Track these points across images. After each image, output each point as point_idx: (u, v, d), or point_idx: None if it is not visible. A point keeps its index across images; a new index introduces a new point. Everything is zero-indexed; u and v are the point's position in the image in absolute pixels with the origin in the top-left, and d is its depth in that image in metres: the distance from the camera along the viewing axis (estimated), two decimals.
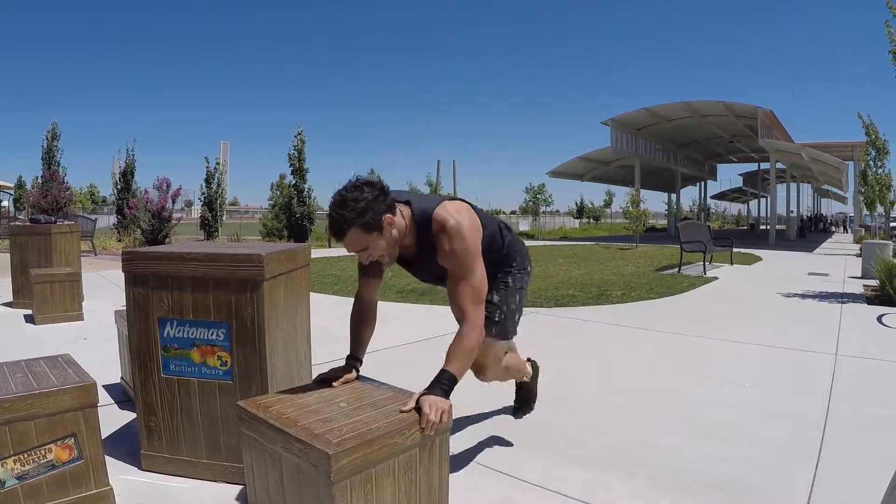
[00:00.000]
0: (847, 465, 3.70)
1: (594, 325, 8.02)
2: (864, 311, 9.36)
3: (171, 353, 3.38)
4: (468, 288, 2.99)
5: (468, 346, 2.93)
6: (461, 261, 2.99)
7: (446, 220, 2.98)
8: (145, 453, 3.52)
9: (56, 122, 26.17)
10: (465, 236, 2.98)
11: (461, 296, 3.00)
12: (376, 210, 2.85)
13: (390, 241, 2.97)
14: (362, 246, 2.90)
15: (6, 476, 2.83)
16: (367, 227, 2.84)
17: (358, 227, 2.82)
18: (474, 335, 2.96)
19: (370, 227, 2.85)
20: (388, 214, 2.90)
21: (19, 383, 3.00)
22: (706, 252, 14.95)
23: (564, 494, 3.32)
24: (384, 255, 3.01)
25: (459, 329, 2.98)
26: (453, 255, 2.98)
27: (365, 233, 2.85)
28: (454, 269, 3.02)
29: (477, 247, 3.06)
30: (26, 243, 9.36)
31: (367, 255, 2.97)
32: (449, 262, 3.02)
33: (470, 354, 2.94)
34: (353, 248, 2.91)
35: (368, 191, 2.86)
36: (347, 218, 2.81)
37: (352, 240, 2.87)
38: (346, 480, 2.25)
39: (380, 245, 2.93)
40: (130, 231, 23.43)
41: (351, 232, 2.84)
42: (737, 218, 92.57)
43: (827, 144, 35.49)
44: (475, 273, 3.01)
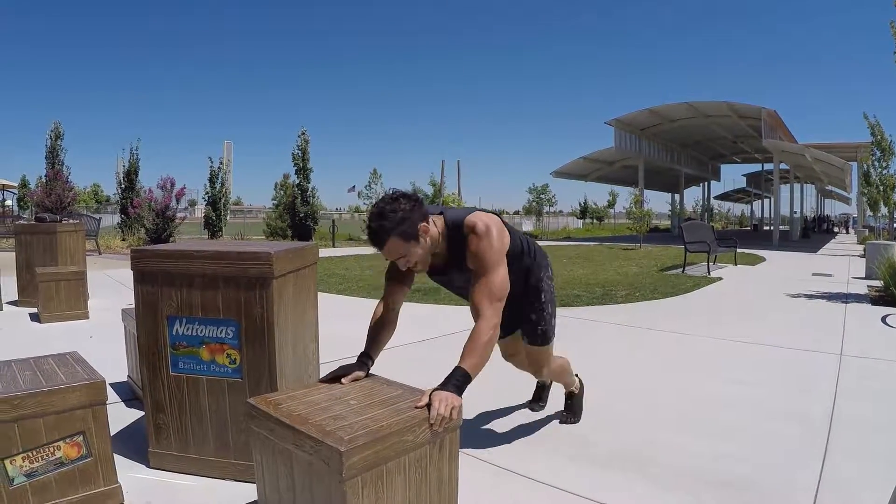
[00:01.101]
0: (852, 465, 3.70)
1: (599, 325, 8.02)
2: (869, 312, 9.36)
3: (179, 350, 3.38)
4: (487, 286, 3.09)
5: (482, 343, 2.96)
6: (484, 259, 3.11)
7: (476, 223, 3.16)
8: (153, 451, 3.52)
9: (59, 122, 26.19)
10: (491, 237, 3.14)
11: (479, 292, 3.09)
12: (413, 220, 3.01)
13: (425, 248, 3.12)
14: (400, 254, 3.06)
15: (15, 473, 2.83)
16: (404, 236, 3.00)
17: (396, 236, 2.98)
18: (489, 332, 3.00)
19: (408, 237, 3.01)
20: (423, 224, 3.06)
21: (28, 381, 3.00)
22: (710, 252, 14.94)
23: (572, 492, 3.32)
24: (419, 261, 3.15)
25: (475, 326, 3.03)
26: (478, 253, 3.13)
27: (403, 241, 3.01)
28: (477, 268, 3.14)
29: (502, 250, 3.19)
30: (31, 242, 9.36)
31: (405, 262, 3.12)
32: (473, 262, 3.16)
33: (484, 351, 2.97)
34: (392, 256, 3.09)
35: (405, 202, 3.02)
36: (387, 228, 2.97)
37: (391, 248, 3.02)
38: (357, 477, 2.25)
39: (416, 252, 3.08)
40: (134, 230, 23.48)
41: (390, 241, 2.99)
42: (740, 218, 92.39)
43: (831, 145, 35.45)
44: (497, 272, 3.12)
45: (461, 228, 3.19)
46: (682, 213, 47.81)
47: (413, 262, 3.12)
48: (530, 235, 32.71)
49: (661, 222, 62.54)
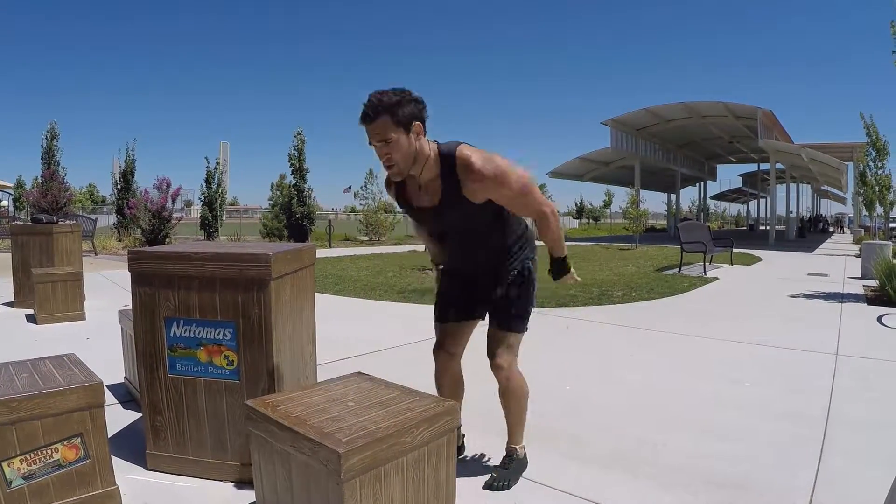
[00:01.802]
0: (848, 465, 3.72)
1: (596, 326, 8.04)
2: (864, 312, 9.39)
3: (177, 352, 3.39)
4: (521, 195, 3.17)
5: (558, 230, 3.40)
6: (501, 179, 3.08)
7: (469, 154, 3.09)
8: (151, 453, 3.52)
9: (55, 122, 26.14)
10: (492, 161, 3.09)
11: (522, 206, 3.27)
12: (411, 109, 2.98)
13: (411, 148, 3.03)
14: (385, 136, 2.96)
15: (13, 476, 2.83)
16: (396, 120, 2.94)
17: (389, 115, 2.93)
18: (555, 219, 3.33)
19: (399, 122, 2.95)
20: (418, 122, 3.02)
21: (26, 383, 3.00)
22: (706, 253, 14.96)
23: (570, 493, 3.34)
24: (400, 159, 3.03)
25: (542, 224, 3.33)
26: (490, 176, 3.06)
27: (393, 124, 2.94)
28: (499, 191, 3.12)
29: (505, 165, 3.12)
30: (28, 243, 9.34)
31: (387, 155, 3.01)
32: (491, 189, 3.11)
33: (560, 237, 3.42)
34: (378, 136, 2.97)
35: (409, 93, 3.00)
36: (383, 103, 2.92)
37: (379, 126, 2.95)
38: (355, 479, 2.26)
39: (401, 144, 2.99)
40: (130, 231, 23.43)
41: (381, 118, 2.93)
42: (736, 218, 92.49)
43: (826, 145, 35.49)
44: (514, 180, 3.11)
45: (453, 157, 3.10)
46: (679, 213, 47.84)
47: (394, 156, 3.01)
48: None
49: (658, 222, 62.64)
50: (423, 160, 3.10)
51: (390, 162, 3.04)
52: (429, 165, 3.13)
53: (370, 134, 2.99)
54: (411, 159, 3.06)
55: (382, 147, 2.99)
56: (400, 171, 3.08)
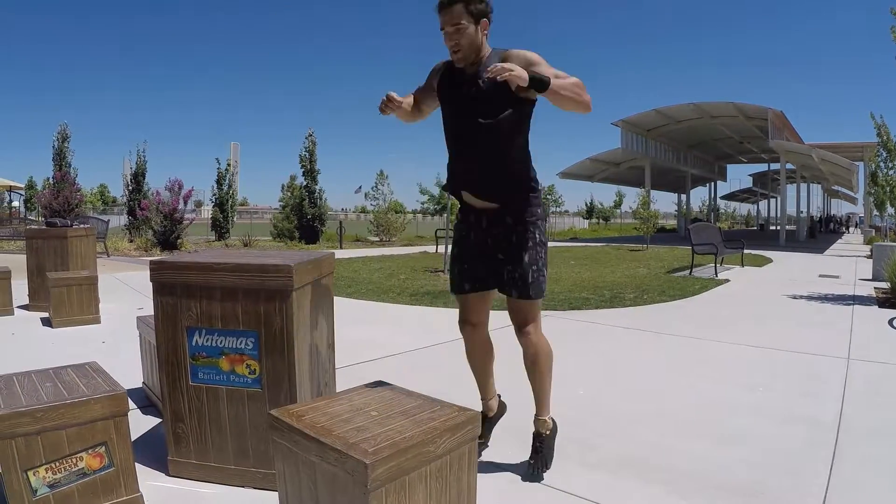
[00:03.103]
0: (861, 470, 3.73)
1: (608, 329, 8.05)
2: (876, 315, 9.39)
3: (199, 361, 3.41)
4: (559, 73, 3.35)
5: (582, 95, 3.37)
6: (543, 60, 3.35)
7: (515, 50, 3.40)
8: (173, 459, 3.55)
9: (66, 124, 26.29)
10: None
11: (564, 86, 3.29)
12: (482, 7, 3.34)
13: (476, 39, 3.37)
14: (458, 22, 3.30)
15: (38, 485, 2.87)
16: (469, 10, 3.30)
17: (464, 4, 3.29)
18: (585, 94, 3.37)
19: (472, 13, 3.31)
20: (486, 20, 3.37)
21: (49, 392, 3.03)
22: (717, 254, 14.95)
23: (582, 497, 3.36)
24: (465, 44, 3.35)
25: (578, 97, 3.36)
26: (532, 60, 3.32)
27: (466, 13, 3.29)
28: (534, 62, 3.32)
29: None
30: (42, 246, 9.40)
31: (455, 37, 3.33)
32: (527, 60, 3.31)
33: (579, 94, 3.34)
34: (452, 21, 3.31)
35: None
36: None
37: (454, 12, 3.30)
38: (381, 488, 2.28)
39: (469, 32, 3.33)
40: (142, 232, 23.53)
41: (457, 5, 3.28)
42: (746, 218, 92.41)
43: (837, 145, 35.44)
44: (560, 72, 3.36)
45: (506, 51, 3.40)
46: (689, 213, 47.78)
47: (461, 41, 3.32)
48: None
49: (668, 222, 62.56)
50: (482, 56, 3.43)
51: (458, 47, 3.36)
52: (484, 61, 3.42)
53: (444, 19, 3.33)
54: (475, 50, 3.40)
55: (454, 33, 3.32)
56: (464, 56, 3.40)
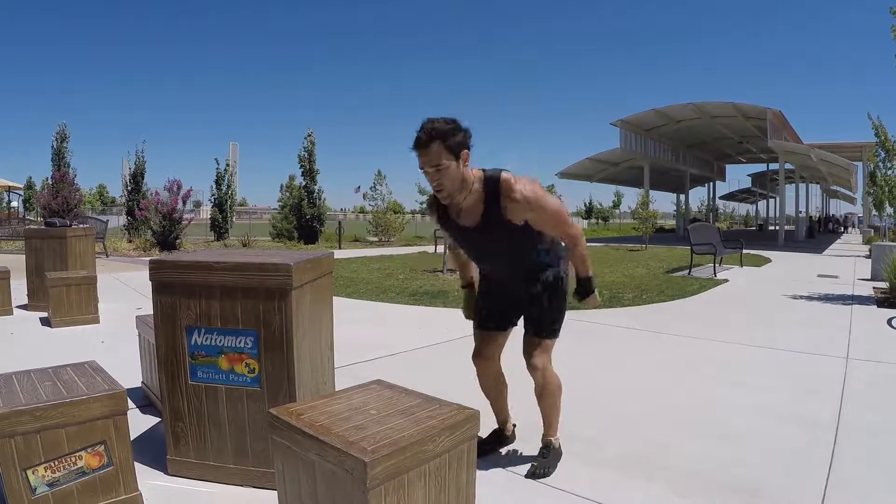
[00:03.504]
0: (859, 468, 3.75)
1: (608, 329, 8.06)
2: (874, 314, 9.41)
3: (198, 360, 3.42)
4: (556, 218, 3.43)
5: (584, 251, 3.61)
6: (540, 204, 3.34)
7: (510, 178, 3.33)
8: (172, 458, 3.55)
9: (65, 124, 26.28)
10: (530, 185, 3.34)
11: (556, 227, 3.49)
12: (462, 139, 3.22)
13: (458, 176, 3.26)
14: (438, 162, 3.18)
15: (37, 483, 2.87)
16: (448, 147, 3.17)
17: (442, 143, 3.15)
18: (582, 242, 3.58)
19: (451, 149, 3.18)
20: (466, 151, 3.25)
21: (49, 391, 3.04)
22: (716, 254, 14.95)
23: (585, 497, 3.37)
24: (448, 184, 3.26)
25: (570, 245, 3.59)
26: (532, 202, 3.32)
27: (446, 151, 3.16)
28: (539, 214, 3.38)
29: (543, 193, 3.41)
30: (41, 246, 9.41)
31: (437, 178, 3.23)
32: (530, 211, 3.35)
33: (587, 254, 3.61)
34: (431, 162, 3.19)
35: (459, 123, 3.24)
36: (438, 131, 3.15)
37: (432, 153, 3.17)
38: (380, 486, 2.29)
39: (451, 170, 3.21)
40: (141, 232, 23.52)
41: (434, 145, 3.15)
42: (745, 218, 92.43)
43: (836, 145, 35.46)
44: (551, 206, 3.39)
45: (497, 181, 3.31)
46: (688, 213, 47.77)
47: (444, 182, 3.22)
48: None
49: (667, 222, 62.54)
50: (469, 185, 3.33)
51: (440, 187, 3.26)
52: (474, 189, 3.36)
53: (423, 160, 3.21)
54: (459, 185, 3.29)
55: (434, 173, 3.21)
56: (449, 194, 3.31)
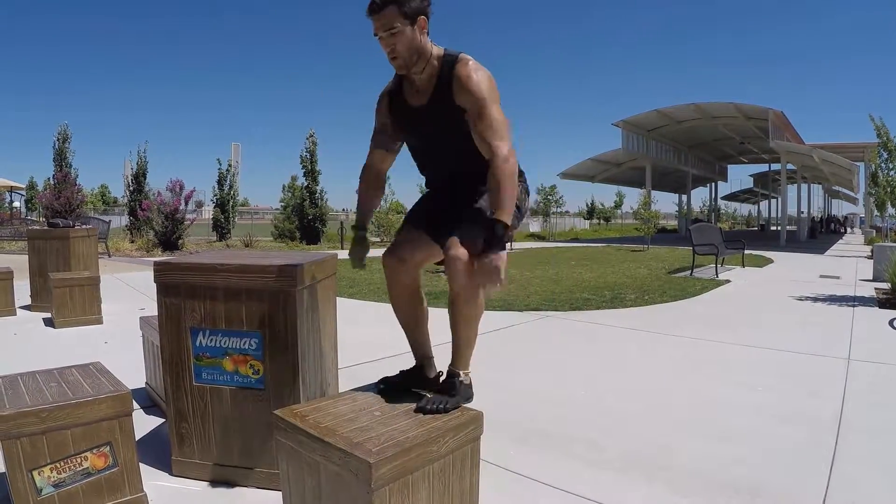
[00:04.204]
0: (861, 469, 3.75)
1: (609, 329, 8.06)
2: (876, 315, 9.39)
3: (203, 361, 3.43)
4: (490, 120, 3.01)
5: (507, 183, 2.91)
6: (479, 93, 3.03)
7: (468, 60, 3.10)
8: (176, 459, 3.56)
9: (67, 124, 26.35)
10: (484, 73, 3.08)
11: (484, 128, 3.01)
12: (417, 4, 3.01)
13: (415, 41, 3.05)
14: (391, 25, 2.98)
15: (43, 484, 2.88)
16: (403, 11, 2.96)
17: (395, 6, 2.95)
18: (508, 167, 2.93)
19: (406, 13, 2.97)
20: (423, 17, 3.04)
21: (54, 392, 3.05)
22: (718, 255, 14.96)
23: (586, 497, 3.37)
24: (403, 50, 3.05)
25: (491, 166, 2.95)
26: (473, 87, 3.03)
27: (400, 15, 2.97)
28: (472, 104, 3.05)
29: (495, 90, 3.09)
30: (44, 247, 9.41)
31: (391, 45, 3.03)
32: (467, 98, 3.06)
33: (512, 191, 2.93)
34: (384, 26, 3.00)
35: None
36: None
37: (386, 16, 2.97)
38: (385, 487, 2.30)
39: (406, 35, 3.02)
40: (143, 232, 23.54)
41: (388, 8, 2.96)
42: (747, 219, 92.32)
43: (838, 145, 35.42)
44: (494, 107, 3.03)
45: (454, 62, 3.10)
46: (690, 213, 47.77)
47: (398, 48, 3.03)
48: (538, 237, 32.53)
49: (669, 223, 62.55)
50: (426, 57, 3.13)
51: (395, 53, 3.07)
52: (430, 64, 3.16)
53: (376, 24, 3.02)
54: (415, 53, 3.09)
55: (388, 38, 3.02)
56: (404, 63, 3.10)
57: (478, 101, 3.02)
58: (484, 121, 3.00)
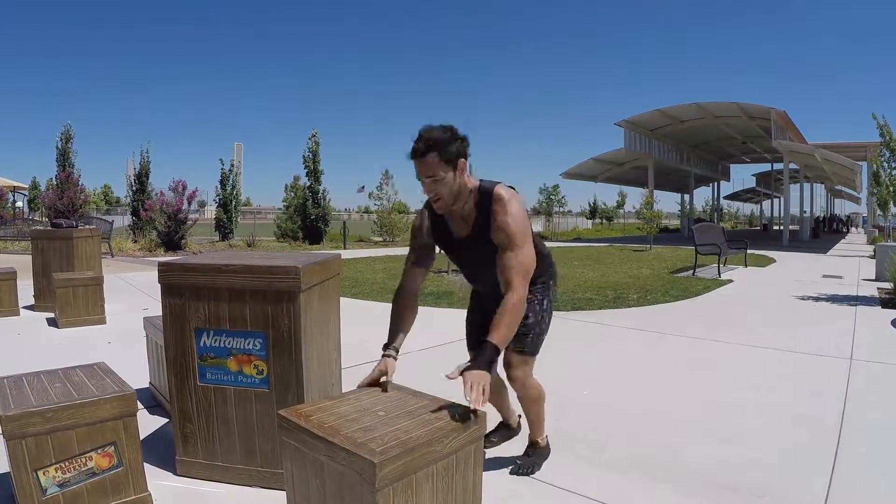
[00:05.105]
0: (863, 469, 3.77)
1: (612, 329, 8.07)
2: (879, 315, 9.39)
3: (207, 362, 3.44)
4: (515, 259, 3.12)
5: (511, 316, 3.01)
6: (513, 233, 3.14)
7: (503, 195, 3.20)
8: (181, 459, 3.58)
9: (70, 124, 26.33)
10: (517, 211, 3.18)
11: (509, 267, 3.12)
12: (458, 147, 3.09)
13: (455, 186, 3.15)
14: (434, 172, 3.07)
15: (48, 484, 2.90)
16: (445, 157, 3.06)
17: (438, 152, 3.03)
18: (517, 305, 3.05)
19: (447, 159, 3.07)
20: (463, 160, 3.14)
21: (59, 393, 3.07)
22: (721, 255, 14.95)
23: (590, 497, 3.40)
24: (445, 194, 3.15)
25: (504, 298, 3.06)
26: (506, 226, 3.15)
27: (442, 161, 3.06)
28: (503, 241, 3.17)
29: (527, 227, 3.23)
30: (48, 247, 9.46)
31: (433, 188, 3.13)
32: (501, 235, 3.17)
33: (513, 324, 3.03)
34: (427, 171, 3.08)
35: (456, 132, 3.11)
36: (434, 139, 3.03)
37: (428, 163, 3.06)
38: (388, 487, 2.30)
39: (447, 182, 3.11)
40: (146, 232, 23.55)
41: (431, 155, 3.04)
42: (749, 218, 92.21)
43: (840, 145, 35.37)
44: (524, 248, 3.16)
45: (491, 195, 3.21)
46: (692, 213, 47.73)
47: (440, 191, 3.13)
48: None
49: (671, 222, 62.49)
50: (466, 195, 3.24)
51: (437, 196, 3.17)
52: (469, 200, 3.27)
53: (419, 169, 3.11)
54: (456, 195, 3.20)
55: (431, 183, 3.11)
56: (445, 204, 3.21)
57: (511, 241, 3.15)
58: (512, 260, 3.14)
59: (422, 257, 3.45)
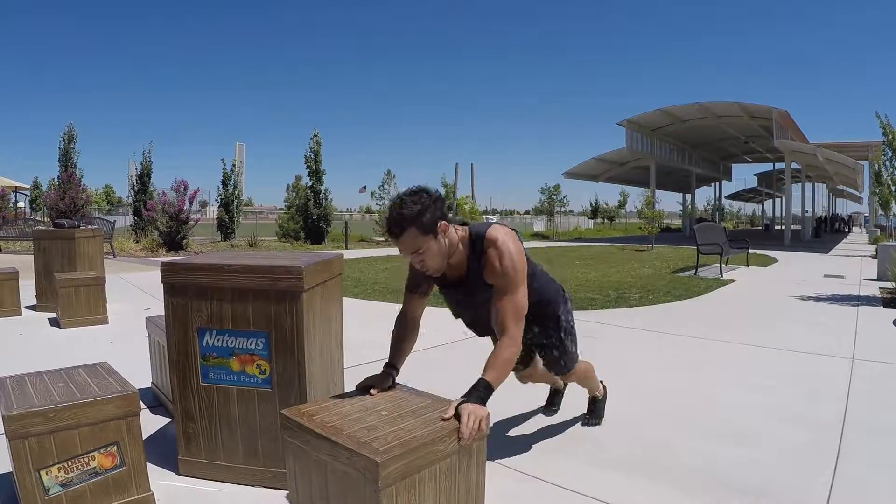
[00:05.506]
0: (865, 469, 3.76)
1: (614, 329, 8.06)
2: (880, 315, 9.38)
3: (209, 361, 3.44)
4: (510, 304, 3.11)
5: (505, 360, 3.02)
6: (507, 277, 3.11)
7: (496, 238, 3.14)
8: (183, 458, 3.58)
9: (72, 124, 26.34)
10: (512, 254, 3.12)
11: (503, 311, 3.11)
12: (433, 214, 2.98)
13: (442, 248, 3.07)
14: (416, 247, 3.00)
15: (51, 483, 2.90)
16: (423, 229, 2.95)
17: (415, 227, 2.94)
18: (512, 349, 3.06)
19: (426, 229, 2.96)
20: (442, 222, 3.03)
21: (62, 392, 3.07)
22: (722, 254, 14.94)
23: (591, 496, 3.39)
24: (434, 262, 3.09)
25: (499, 342, 3.08)
26: (501, 271, 3.12)
27: (421, 234, 2.96)
28: (499, 285, 3.14)
29: (523, 268, 3.19)
30: (50, 247, 9.46)
31: (420, 260, 3.05)
32: (495, 279, 3.14)
33: (506, 367, 3.03)
34: (408, 249, 3.02)
35: (426, 196, 3.00)
36: (406, 217, 2.93)
37: (408, 240, 2.97)
38: (391, 486, 2.31)
39: (432, 249, 3.03)
40: (148, 232, 23.55)
41: (408, 232, 2.95)
42: (751, 218, 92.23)
43: (842, 144, 35.37)
44: (518, 291, 3.14)
45: (483, 240, 3.16)
46: (694, 213, 47.71)
47: (428, 262, 3.06)
48: (542, 237, 32.50)
49: (672, 222, 62.49)
50: (455, 250, 3.19)
51: (425, 267, 3.11)
52: (459, 250, 3.22)
53: (402, 250, 3.06)
54: (447, 255, 3.14)
55: (416, 257, 3.06)
56: (436, 270, 3.16)
57: (506, 286, 3.13)
58: (507, 304, 3.12)
59: (420, 284, 3.43)
